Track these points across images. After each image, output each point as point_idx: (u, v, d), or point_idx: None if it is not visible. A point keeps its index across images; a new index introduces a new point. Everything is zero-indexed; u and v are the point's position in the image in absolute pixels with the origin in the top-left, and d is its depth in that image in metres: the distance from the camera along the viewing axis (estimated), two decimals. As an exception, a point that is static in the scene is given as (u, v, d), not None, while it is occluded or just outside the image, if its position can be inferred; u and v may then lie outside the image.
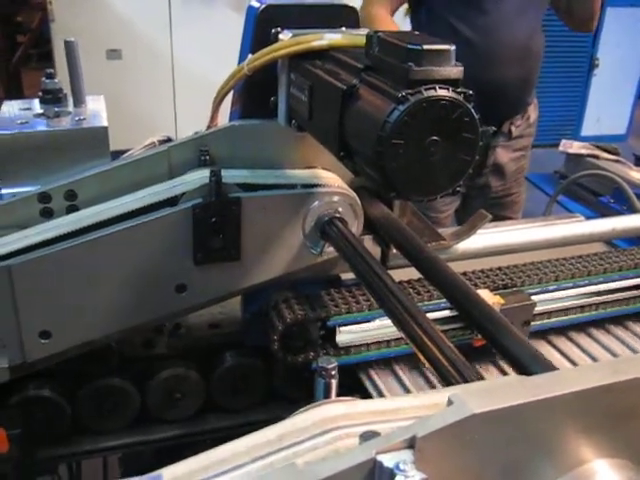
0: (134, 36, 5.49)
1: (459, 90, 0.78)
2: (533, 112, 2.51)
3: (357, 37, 1.01)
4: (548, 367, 0.77)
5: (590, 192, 2.29)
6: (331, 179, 1.22)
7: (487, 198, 2.50)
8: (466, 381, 0.79)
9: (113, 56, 5.49)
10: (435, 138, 0.79)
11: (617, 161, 2.33)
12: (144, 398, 1.34)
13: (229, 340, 1.41)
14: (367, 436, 0.53)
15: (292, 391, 1.40)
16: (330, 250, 1.23)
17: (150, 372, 1.34)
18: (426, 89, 0.77)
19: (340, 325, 1.25)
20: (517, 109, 2.43)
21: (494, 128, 2.22)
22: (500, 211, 2.48)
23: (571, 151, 2.54)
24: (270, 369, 1.38)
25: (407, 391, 1.25)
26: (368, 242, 1.29)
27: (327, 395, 0.77)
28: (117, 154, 1.29)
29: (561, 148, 2.57)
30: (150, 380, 1.33)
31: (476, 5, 2.20)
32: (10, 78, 6.23)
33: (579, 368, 0.61)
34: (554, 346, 1.41)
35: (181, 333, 1.38)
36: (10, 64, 6.31)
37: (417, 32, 0.89)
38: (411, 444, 0.50)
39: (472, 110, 0.79)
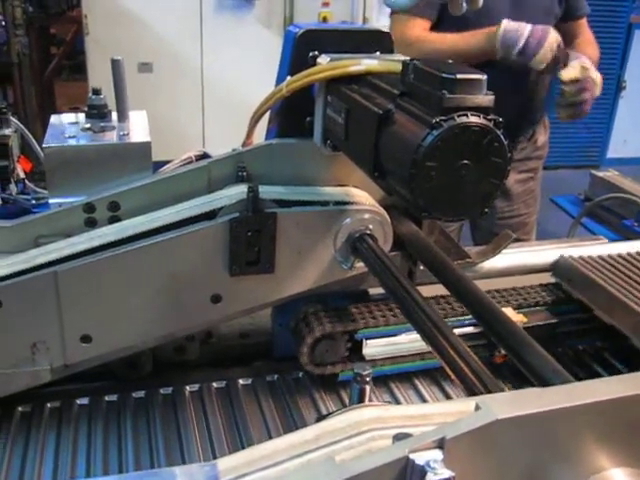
0: (165, 50, 5.57)
1: (490, 117, 0.83)
2: (542, 135, 2.50)
3: (392, 63, 1.05)
4: (568, 381, 0.80)
5: (614, 215, 2.30)
6: (362, 197, 1.27)
7: (494, 218, 2.52)
8: (490, 392, 0.83)
9: (144, 69, 5.57)
10: (466, 162, 0.83)
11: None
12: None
13: (259, 350, 1.46)
14: (400, 437, 0.58)
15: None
16: (360, 265, 1.27)
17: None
18: (459, 116, 0.81)
19: (367, 338, 1.30)
20: (514, 132, 2.42)
21: None
22: None
23: None
24: None
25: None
26: (396, 259, 1.32)
27: (361, 400, 0.81)
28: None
29: None
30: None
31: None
32: (43, 89, 6.33)
33: (599, 380, 0.65)
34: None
35: (212, 341, 1.43)
36: (44, 75, 6.42)
37: (451, 61, 0.93)
38: (441, 444, 0.55)
39: (501, 136, 0.84)
